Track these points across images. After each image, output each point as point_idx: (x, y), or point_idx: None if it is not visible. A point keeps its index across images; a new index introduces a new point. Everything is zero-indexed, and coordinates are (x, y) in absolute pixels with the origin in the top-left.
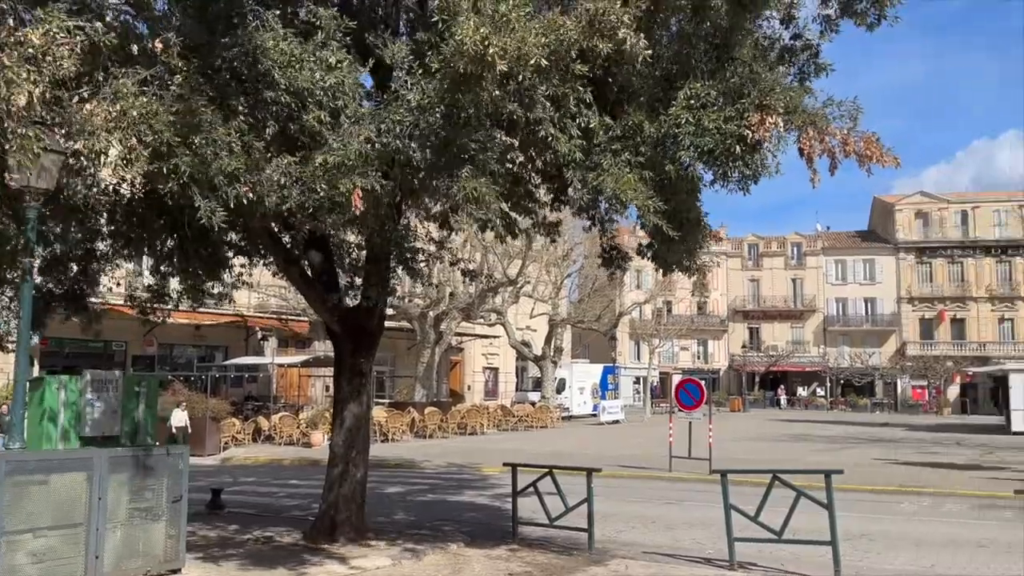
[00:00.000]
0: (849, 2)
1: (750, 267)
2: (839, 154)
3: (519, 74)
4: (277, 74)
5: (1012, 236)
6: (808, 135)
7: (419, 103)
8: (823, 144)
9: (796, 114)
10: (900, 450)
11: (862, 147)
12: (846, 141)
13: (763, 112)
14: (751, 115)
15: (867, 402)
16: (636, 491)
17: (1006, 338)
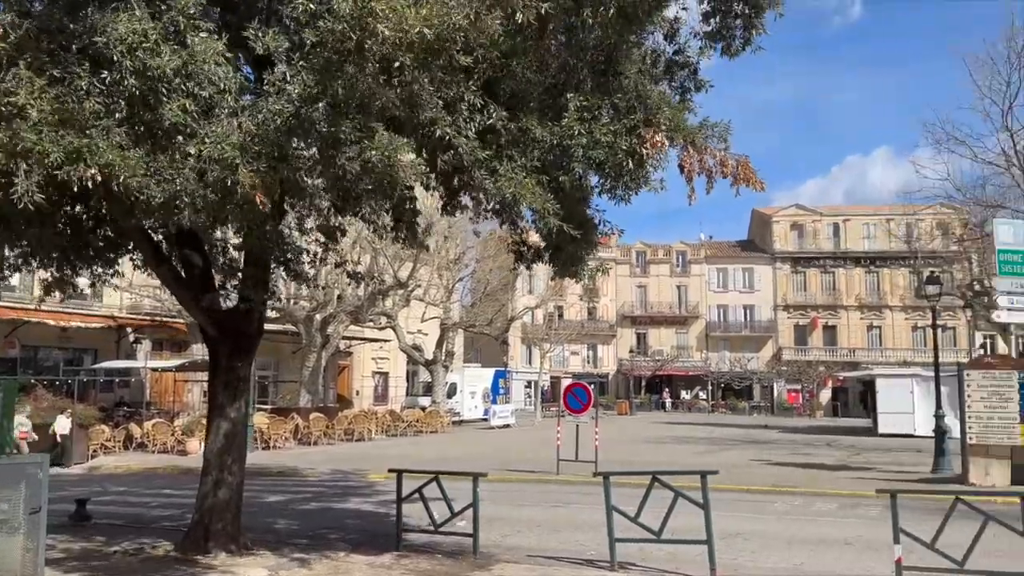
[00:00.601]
0: (719, 29)
1: (638, 274)
2: (716, 174)
3: (399, 58)
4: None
5: (880, 248)
6: (689, 154)
7: (300, 95)
8: (702, 164)
9: (679, 132)
10: (775, 451)
11: (737, 169)
12: (723, 162)
13: (652, 129)
14: (642, 131)
15: (745, 405)
16: (523, 495)
17: (874, 345)
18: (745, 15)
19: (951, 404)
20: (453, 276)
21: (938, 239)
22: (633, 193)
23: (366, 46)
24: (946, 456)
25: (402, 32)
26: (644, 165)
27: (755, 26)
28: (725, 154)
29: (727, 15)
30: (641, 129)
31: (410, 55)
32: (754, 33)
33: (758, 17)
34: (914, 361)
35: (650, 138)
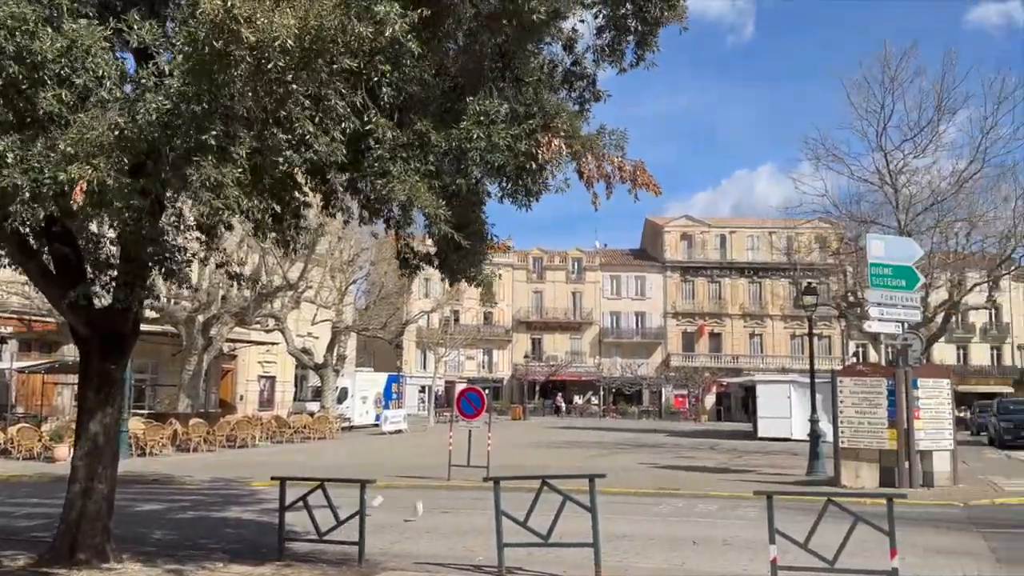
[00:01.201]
0: (611, 44)
1: (534, 279)
2: (615, 179)
3: (271, 60)
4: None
5: (763, 259)
6: (587, 160)
7: (180, 89)
8: (600, 170)
9: (577, 138)
10: (662, 455)
11: (634, 174)
12: (621, 168)
13: (549, 134)
14: (540, 136)
15: (635, 410)
16: (413, 501)
17: (756, 352)
18: (639, 32)
19: (825, 409)
20: (347, 278)
21: (816, 252)
22: (534, 199)
23: (231, 50)
24: (820, 459)
25: (272, 37)
26: (543, 170)
27: (648, 44)
28: (622, 160)
29: (620, 31)
30: (539, 134)
31: (285, 58)
32: (647, 51)
33: (652, 35)
34: (792, 368)
35: (547, 143)
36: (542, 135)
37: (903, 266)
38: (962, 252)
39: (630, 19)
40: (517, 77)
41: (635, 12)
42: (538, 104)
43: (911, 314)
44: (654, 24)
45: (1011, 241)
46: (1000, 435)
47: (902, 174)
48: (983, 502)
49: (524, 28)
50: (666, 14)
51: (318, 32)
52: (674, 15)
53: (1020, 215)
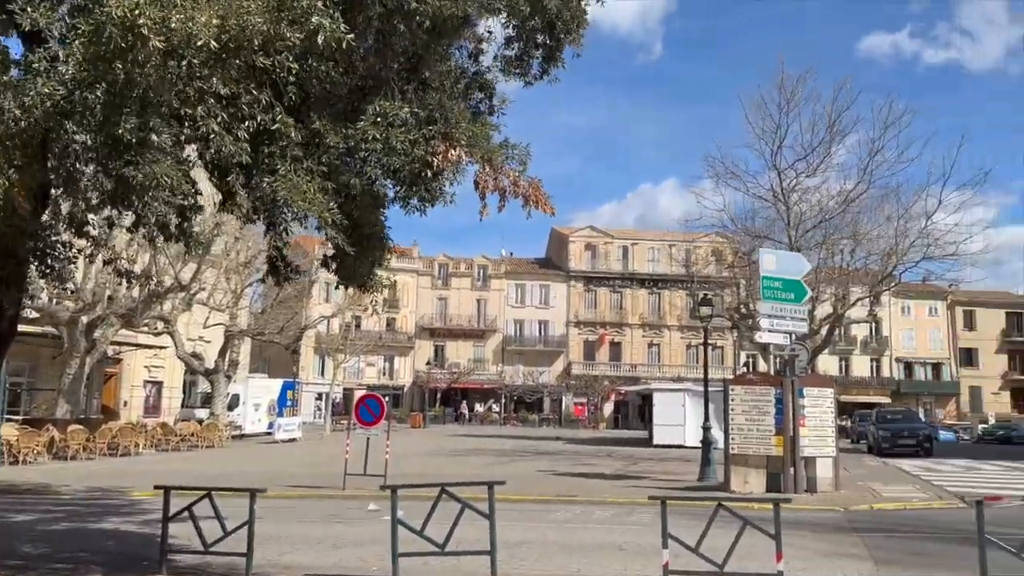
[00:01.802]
0: (519, 56)
1: (439, 286)
2: (509, 194)
3: (186, 57)
4: None
5: (663, 271)
6: (484, 172)
7: (75, 76)
8: (496, 182)
9: (477, 149)
10: (560, 462)
11: (529, 191)
12: (516, 183)
13: (448, 142)
14: (437, 143)
15: (536, 417)
16: (306, 511)
17: (654, 361)
18: (547, 46)
19: (718, 417)
20: (243, 280)
21: (712, 265)
22: (428, 205)
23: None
24: (711, 465)
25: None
26: (439, 177)
27: (555, 59)
28: (519, 176)
29: (528, 44)
30: (439, 141)
31: (200, 55)
32: (553, 65)
33: (559, 50)
34: (688, 377)
35: (445, 151)
36: (441, 142)
37: (792, 280)
38: (847, 268)
39: (539, 33)
40: (423, 81)
41: (544, 27)
42: (441, 111)
43: (799, 326)
44: (561, 40)
45: (892, 259)
46: (879, 443)
47: (794, 192)
48: (862, 507)
49: (435, 31)
50: (567, 36)
51: (239, 32)
52: (571, 39)
53: (901, 234)
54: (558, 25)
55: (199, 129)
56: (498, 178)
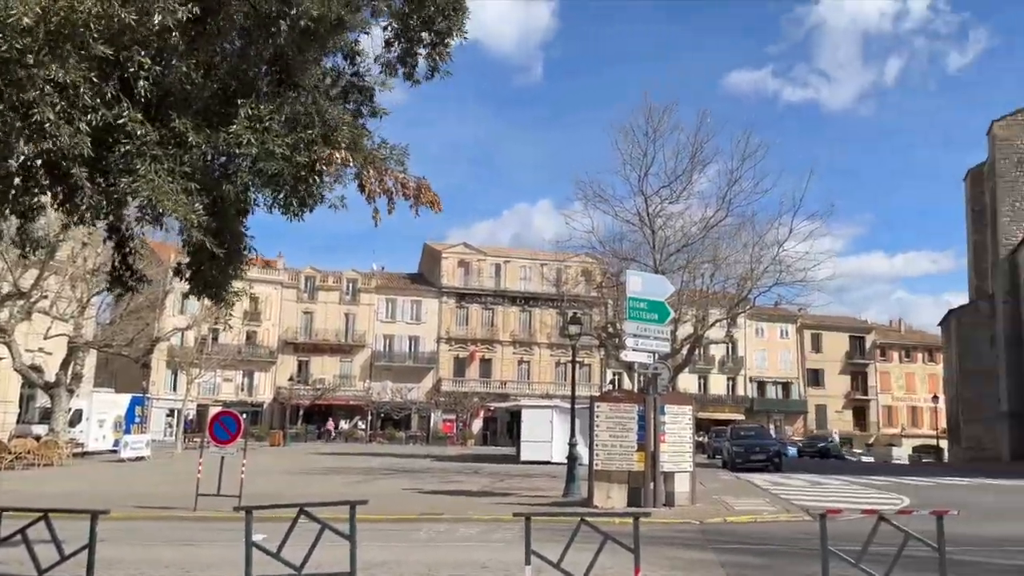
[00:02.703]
0: (402, 56)
1: (305, 299)
2: (396, 195)
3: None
4: None
5: (534, 290)
6: (369, 174)
7: None
8: (382, 185)
9: (358, 152)
10: (427, 480)
11: (418, 191)
12: (404, 184)
13: (329, 146)
14: (319, 147)
15: (403, 435)
16: (154, 534)
17: (523, 378)
18: (430, 43)
19: (584, 433)
20: (90, 289)
21: (582, 284)
22: (308, 210)
23: None
24: (576, 481)
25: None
26: (322, 181)
27: (440, 55)
28: (405, 176)
29: (411, 42)
30: (319, 145)
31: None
32: (440, 61)
33: (443, 46)
34: (556, 394)
35: (327, 155)
36: (323, 147)
37: (656, 301)
38: (707, 291)
39: (419, 31)
40: (296, 84)
41: (423, 24)
42: (319, 114)
43: (662, 345)
44: (445, 34)
45: (747, 283)
46: (733, 459)
47: (659, 217)
48: (717, 520)
49: (307, 33)
50: (449, 24)
51: (68, 14)
52: (456, 26)
53: (755, 260)
54: (438, 20)
55: (32, 117)
56: (384, 180)
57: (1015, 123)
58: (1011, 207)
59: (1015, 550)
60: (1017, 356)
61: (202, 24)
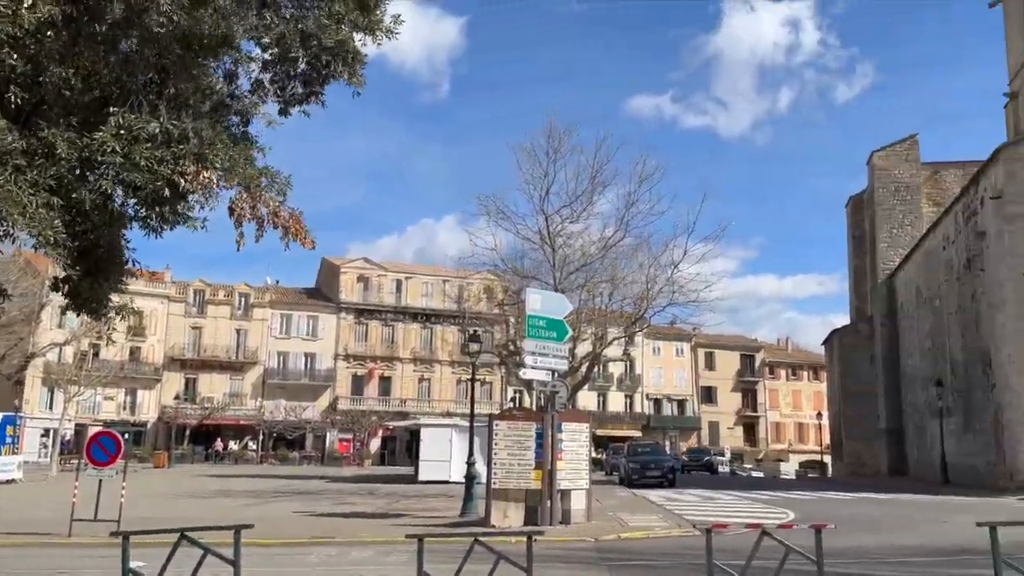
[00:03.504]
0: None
1: (194, 314)
2: (267, 223)
3: None
4: None
5: (436, 306)
6: (242, 198)
7: None
8: (254, 211)
9: (234, 174)
10: (320, 502)
11: (289, 222)
12: (276, 213)
13: (200, 163)
14: (187, 163)
15: (297, 455)
16: (22, 562)
17: (424, 396)
18: (307, 76)
19: (483, 452)
20: None
21: (484, 302)
22: (168, 227)
23: None
24: (473, 500)
25: None
26: (187, 198)
27: (315, 92)
28: (280, 206)
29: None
30: (189, 161)
31: None
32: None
33: (321, 83)
34: (457, 412)
35: (196, 172)
36: (192, 163)
37: (556, 319)
38: (606, 309)
39: (300, 62)
40: (175, 97)
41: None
42: (194, 131)
43: (560, 363)
44: (325, 74)
45: (644, 302)
46: (629, 475)
47: (559, 236)
48: (611, 537)
49: (190, 47)
50: (340, 69)
51: None
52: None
53: (652, 280)
54: (323, 58)
55: None
56: (256, 206)
57: (893, 154)
58: (888, 234)
59: (893, 561)
60: (894, 375)
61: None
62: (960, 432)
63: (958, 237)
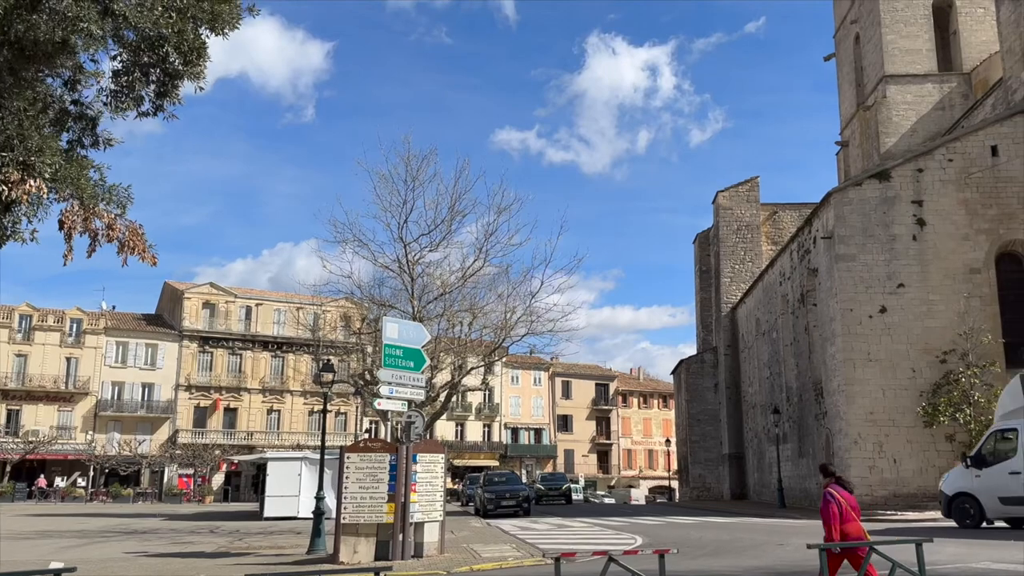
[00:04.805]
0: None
1: (19, 340)
2: (102, 237)
3: None
4: None
5: (289, 334)
6: (73, 210)
7: None
8: (88, 224)
9: (64, 184)
10: (155, 541)
11: (127, 236)
12: (112, 227)
13: (25, 172)
14: (11, 170)
15: (132, 492)
16: None
17: (273, 428)
18: (160, 82)
19: (334, 486)
20: None
21: (340, 330)
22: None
23: None
24: (322, 536)
25: None
26: (11, 209)
27: (170, 95)
28: (116, 219)
29: (140, 76)
30: (12, 169)
31: None
32: (168, 101)
33: (173, 87)
34: (308, 444)
35: (19, 181)
36: (15, 169)
37: (413, 348)
38: (465, 338)
39: (152, 68)
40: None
41: (157, 62)
42: (20, 138)
43: (417, 393)
44: (175, 76)
45: (503, 331)
46: (484, 505)
47: (418, 265)
48: (463, 569)
49: (23, 53)
50: (185, 69)
51: None
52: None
53: (510, 310)
54: (172, 57)
55: None
56: (89, 219)
57: (735, 194)
58: (731, 269)
59: None
60: (736, 403)
61: None
62: (795, 457)
63: (793, 273)
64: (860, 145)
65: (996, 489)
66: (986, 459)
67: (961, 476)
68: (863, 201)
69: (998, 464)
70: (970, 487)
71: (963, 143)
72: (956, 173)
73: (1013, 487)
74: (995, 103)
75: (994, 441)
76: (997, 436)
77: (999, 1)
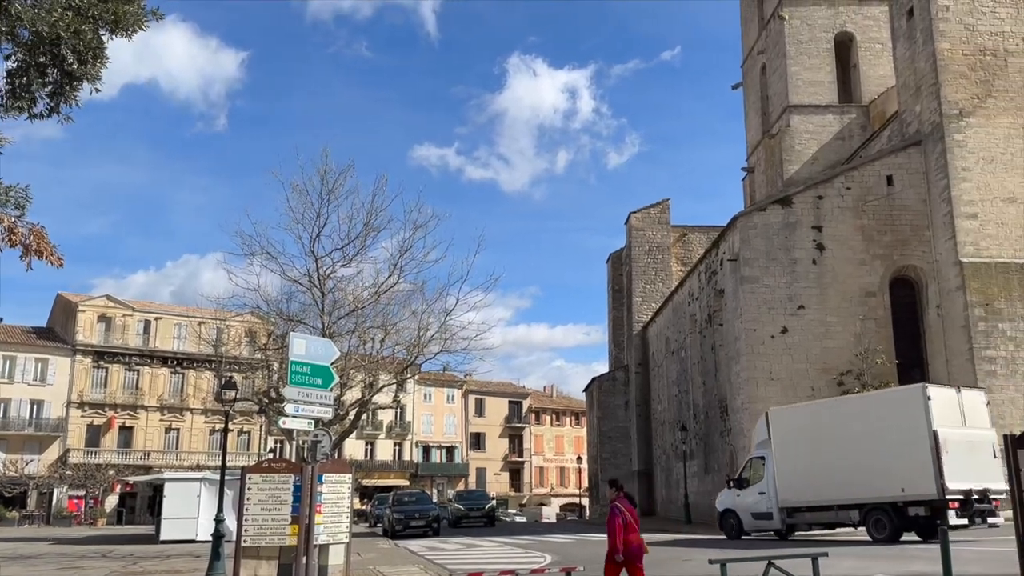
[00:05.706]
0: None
1: None
2: (3, 242)
3: None
4: None
5: (190, 350)
6: None
7: None
8: None
9: None
10: (41, 567)
11: (30, 239)
12: (13, 230)
13: None
14: None
15: (16, 515)
16: None
17: (172, 447)
18: (57, 82)
19: (235, 507)
20: None
21: (244, 346)
22: None
23: None
24: (221, 560)
25: None
26: None
27: (66, 96)
28: (16, 222)
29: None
30: None
31: None
32: (64, 102)
33: (71, 88)
34: (208, 464)
35: None
36: None
37: (321, 365)
38: (377, 355)
39: (48, 69)
40: None
41: (53, 61)
42: None
43: (325, 411)
44: (72, 77)
45: (416, 348)
46: (392, 526)
47: (330, 279)
48: None
49: None
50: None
51: None
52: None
53: (424, 327)
54: (70, 58)
55: None
56: None
57: (647, 216)
58: (643, 289)
59: None
60: (646, 420)
61: None
62: (701, 473)
63: (701, 294)
64: (765, 171)
65: (750, 506)
66: (746, 481)
67: (728, 495)
68: (767, 225)
69: (752, 486)
70: (733, 504)
71: (861, 172)
72: (854, 201)
73: (761, 505)
74: (891, 135)
75: (751, 467)
76: (754, 462)
77: (896, 39)
